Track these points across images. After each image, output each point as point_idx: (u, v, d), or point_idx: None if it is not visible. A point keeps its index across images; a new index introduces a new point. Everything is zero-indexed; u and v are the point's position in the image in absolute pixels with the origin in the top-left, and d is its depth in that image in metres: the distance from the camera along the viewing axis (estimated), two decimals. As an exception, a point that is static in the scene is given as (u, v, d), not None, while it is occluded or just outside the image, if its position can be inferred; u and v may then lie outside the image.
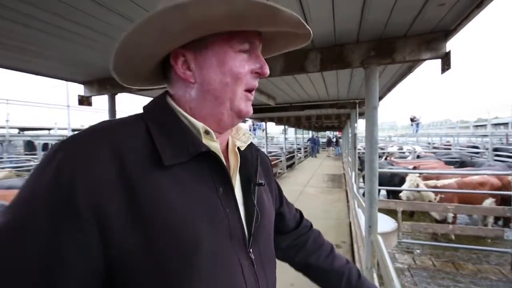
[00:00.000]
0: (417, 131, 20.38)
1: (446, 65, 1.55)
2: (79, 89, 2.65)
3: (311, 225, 0.78)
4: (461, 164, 7.73)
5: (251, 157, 0.56)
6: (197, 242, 0.39)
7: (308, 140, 17.84)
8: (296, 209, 0.78)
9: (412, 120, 20.78)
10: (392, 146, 14.27)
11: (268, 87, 3.22)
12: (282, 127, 11.95)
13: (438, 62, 1.63)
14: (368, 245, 1.58)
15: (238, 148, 0.54)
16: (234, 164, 0.52)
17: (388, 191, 6.12)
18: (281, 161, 9.66)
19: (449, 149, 12.27)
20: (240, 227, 0.46)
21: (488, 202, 3.52)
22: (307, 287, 1.04)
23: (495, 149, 9.43)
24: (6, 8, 1.17)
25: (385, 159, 8.56)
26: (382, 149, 12.94)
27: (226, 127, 0.50)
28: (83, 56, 1.84)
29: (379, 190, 6.78)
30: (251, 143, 0.59)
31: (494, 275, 2.84)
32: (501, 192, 3.89)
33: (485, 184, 4.31)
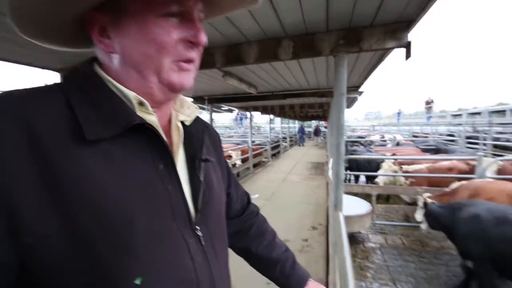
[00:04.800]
0: (431, 119, 19.76)
1: (408, 54, 1.65)
2: (56, 78, 2.59)
3: (258, 211, 0.78)
4: (436, 151, 8.14)
5: (197, 132, 0.53)
6: (131, 221, 0.36)
7: (298, 131, 18.11)
8: (246, 193, 0.77)
9: (427, 103, 20.54)
10: (374, 135, 14.73)
11: (248, 75, 3.25)
12: (268, 117, 12.03)
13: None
14: (333, 223, 1.71)
15: (183, 123, 0.51)
16: (177, 140, 0.49)
17: (367, 177, 6.39)
18: (266, 150, 9.77)
19: (427, 137, 12.80)
20: (183, 204, 0.44)
21: (454, 185, 3.77)
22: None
23: (468, 137, 9.96)
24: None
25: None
26: (362, 137, 13.34)
27: (161, 101, 0.46)
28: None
29: (359, 176, 7.06)
30: (198, 117, 0.56)
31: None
32: (466, 175, 4.21)
33: (453, 169, 4.61)
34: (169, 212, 0.42)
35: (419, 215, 3.37)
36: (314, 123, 25.15)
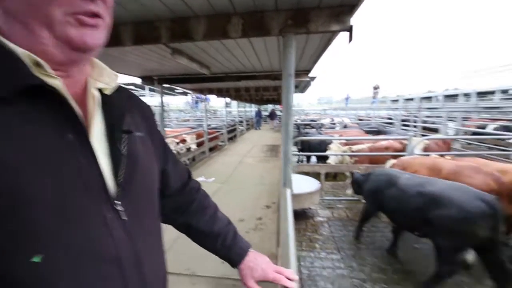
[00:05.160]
0: (375, 103, 21.54)
1: (350, 37, 1.74)
2: None
3: (199, 187, 0.77)
4: (377, 132, 9.01)
5: (119, 101, 0.49)
6: (27, 193, 0.33)
7: (255, 115, 18.26)
8: (187, 170, 0.76)
9: (375, 88, 22.24)
10: (325, 118, 15.68)
11: (199, 54, 3.10)
12: (224, 100, 11.84)
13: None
14: (281, 199, 1.79)
15: (102, 93, 0.47)
16: (92, 108, 0.44)
17: (317, 157, 6.83)
18: (222, 133, 9.68)
19: (370, 120, 14.09)
20: (99, 178, 0.41)
21: (390, 162, 4.25)
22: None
23: (403, 120, 11.24)
24: None
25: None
26: (314, 120, 14.12)
27: (64, 62, 0.40)
28: None
29: (310, 156, 7.50)
30: (123, 88, 0.52)
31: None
32: (399, 153, 4.79)
33: (389, 147, 5.21)
34: (80, 185, 0.38)
35: (349, 191, 4.12)
36: (271, 106, 25.58)
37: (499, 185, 2.78)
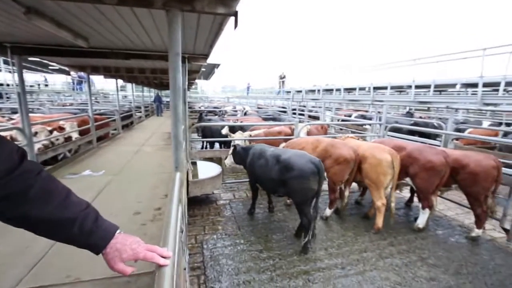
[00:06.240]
0: (281, 93, 22.68)
1: (236, 23, 1.81)
2: None
3: (40, 170, 0.64)
4: (273, 119, 9.99)
5: None
6: None
7: (154, 100, 16.73)
8: (17, 150, 0.62)
9: (281, 77, 23.06)
10: (228, 106, 16.15)
11: (69, 20, 2.54)
12: (116, 83, 10.31)
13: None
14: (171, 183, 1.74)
15: None
16: None
17: (220, 143, 6.99)
18: (114, 120, 8.48)
19: (267, 108, 15.45)
20: None
21: (283, 145, 4.82)
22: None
23: (293, 109, 12.87)
24: None
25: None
26: (218, 108, 14.36)
27: None
28: None
29: (214, 142, 7.60)
30: None
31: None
32: (289, 137, 5.52)
33: (281, 132, 5.90)
34: None
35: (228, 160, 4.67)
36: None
37: (356, 155, 3.85)
